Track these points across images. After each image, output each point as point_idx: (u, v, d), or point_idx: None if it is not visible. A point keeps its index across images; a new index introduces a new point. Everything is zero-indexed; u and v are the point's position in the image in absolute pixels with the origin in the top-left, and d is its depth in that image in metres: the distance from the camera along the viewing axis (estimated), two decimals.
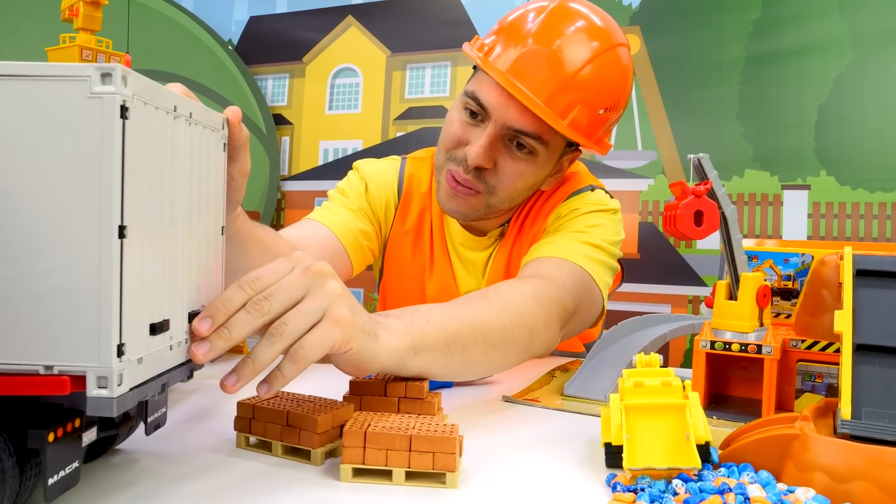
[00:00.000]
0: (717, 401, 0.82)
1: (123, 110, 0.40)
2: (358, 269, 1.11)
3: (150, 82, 0.43)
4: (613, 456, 0.59)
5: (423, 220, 1.17)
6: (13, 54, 2.14)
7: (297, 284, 0.55)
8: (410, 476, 0.55)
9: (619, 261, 1.16)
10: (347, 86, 2.40)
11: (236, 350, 1.05)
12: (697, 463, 0.53)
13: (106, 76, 0.39)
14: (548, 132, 0.96)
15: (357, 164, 1.19)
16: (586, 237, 1.00)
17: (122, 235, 0.40)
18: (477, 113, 0.98)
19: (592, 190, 1.10)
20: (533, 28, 0.96)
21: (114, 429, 0.51)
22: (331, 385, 0.77)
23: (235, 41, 2.54)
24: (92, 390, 0.40)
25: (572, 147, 1.04)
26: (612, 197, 1.12)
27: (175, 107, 0.47)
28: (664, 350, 0.90)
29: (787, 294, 0.85)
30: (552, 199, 1.10)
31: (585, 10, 0.98)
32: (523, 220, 1.12)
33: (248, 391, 0.69)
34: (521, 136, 0.96)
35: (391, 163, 1.19)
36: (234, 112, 0.61)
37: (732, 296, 0.77)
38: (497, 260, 1.13)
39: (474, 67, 1.04)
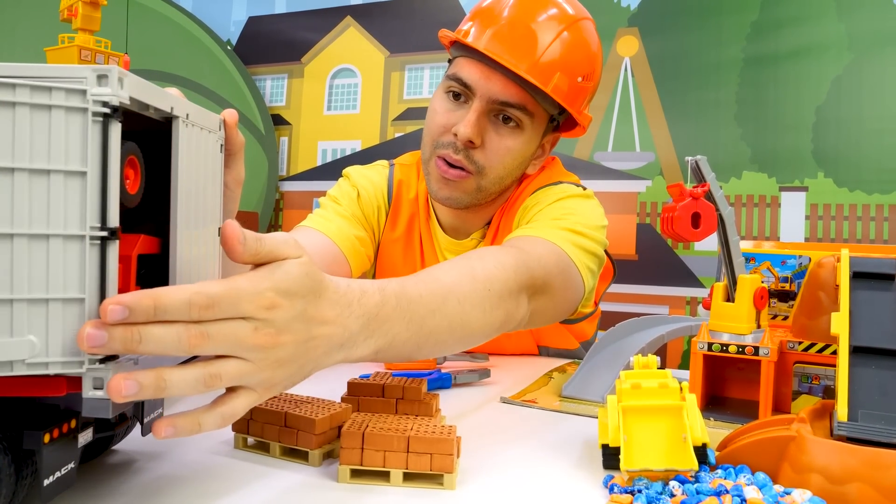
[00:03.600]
0: (715, 402, 0.82)
1: (118, 112, 0.40)
2: (356, 274, 1.11)
3: (146, 84, 0.43)
4: (611, 457, 0.59)
5: (413, 227, 1.17)
6: (12, 54, 2.14)
7: (246, 344, 0.47)
8: (408, 477, 0.55)
9: (611, 259, 1.16)
10: (346, 86, 2.40)
11: None
12: (694, 465, 0.54)
13: (102, 77, 0.39)
14: (532, 103, 0.99)
15: (347, 171, 1.19)
16: (563, 223, 0.98)
17: (116, 237, 0.40)
18: (460, 94, 1.01)
19: (559, 184, 1.09)
20: (506, 8, 1.00)
21: (110, 430, 0.51)
22: (329, 386, 0.77)
23: (234, 41, 2.54)
24: (88, 391, 0.40)
25: (553, 122, 1.06)
26: (584, 189, 1.10)
27: (172, 108, 0.47)
28: (662, 351, 0.90)
29: (785, 296, 0.85)
30: (523, 194, 1.10)
31: None
32: (500, 220, 1.12)
33: None
34: (506, 109, 0.98)
35: (380, 170, 1.20)
36: (231, 115, 0.61)
37: (730, 298, 0.77)
38: None
39: (449, 60, 1.07)
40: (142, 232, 0.49)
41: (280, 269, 0.49)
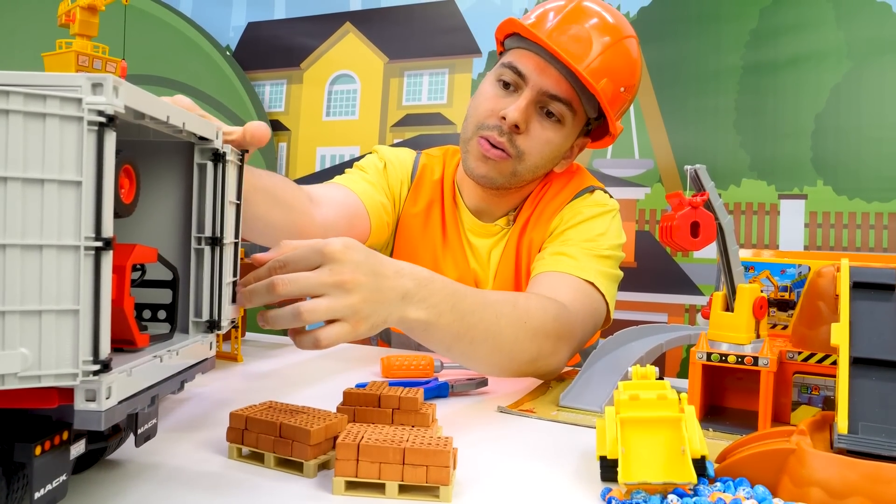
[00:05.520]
0: (713, 412, 0.81)
1: (113, 121, 0.39)
2: (375, 236, 1.15)
3: (142, 92, 0.43)
4: (609, 469, 0.58)
5: (433, 206, 1.22)
6: (10, 59, 2.13)
7: (316, 282, 0.63)
8: (404, 489, 0.55)
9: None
10: (345, 92, 2.40)
11: (230, 357, 1.04)
12: (693, 477, 0.53)
13: (97, 86, 0.39)
14: (577, 102, 1.07)
15: (376, 147, 1.26)
16: (595, 249, 1.07)
17: (110, 248, 0.40)
18: (510, 84, 1.08)
19: (592, 191, 1.17)
20: (566, 11, 1.08)
21: (103, 441, 0.51)
22: (324, 396, 0.76)
23: (233, 47, 2.54)
24: (80, 403, 0.39)
25: (588, 126, 1.13)
26: (611, 197, 1.19)
27: (168, 117, 0.46)
28: (660, 360, 0.90)
29: (784, 305, 0.85)
30: (558, 197, 1.17)
31: (601, 8, 1.12)
32: (531, 212, 1.17)
33: (242, 401, 0.68)
34: (553, 103, 1.06)
35: (407, 151, 1.27)
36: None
37: (729, 307, 0.77)
38: (507, 252, 1.18)
39: (500, 53, 1.16)
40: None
41: (335, 237, 0.65)
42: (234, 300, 0.61)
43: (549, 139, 1.08)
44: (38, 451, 0.41)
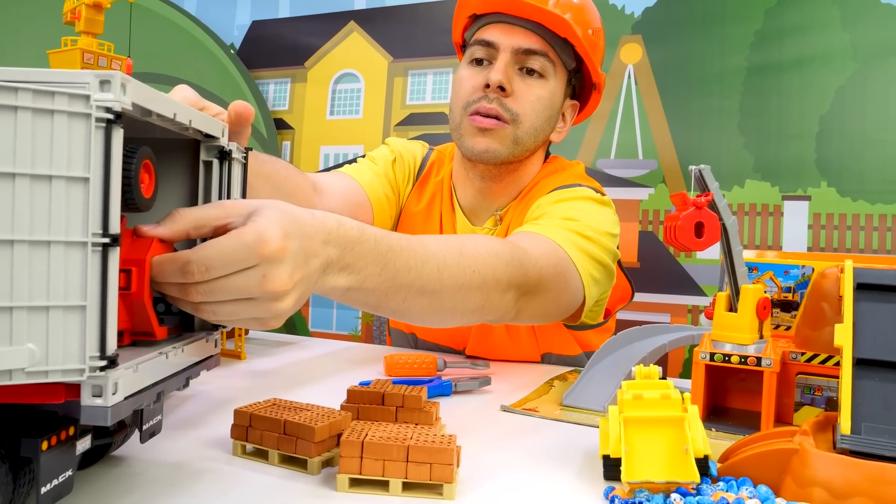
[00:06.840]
0: (716, 412, 0.81)
1: (121, 118, 0.39)
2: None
3: (149, 89, 0.43)
4: (612, 468, 0.58)
5: (433, 205, 1.21)
6: (15, 56, 2.14)
7: (243, 289, 0.49)
8: (407, 487, 0.55)
9: (630, 281, 1.17)
10: (349, 91, 2.40)
11: (233, 355, 1.05)
12: (696, 477, 0.53)
13: (105, 83, 0.39)
14: (552, 52, 1.08)
15: (388, 140, 1.26)
16: (574, 225, 0.98)
17: (117, 244, 0.40)
18: (484, 59, 1.09)
19: (577, 187, 1.11)
20: None
21: (108, 437, 0.51)
22: (328, 394, 0.76)
23: (238, 45, 2.54)
24: (86, 399, 0.40)
25: (571, 83, 1.13)
26: (603, 195, 1.12)
27: (174, 114, 0.46)
28: (663, 360, 0.89)
29: (787, 306, 0.85)
30: (542, 193, 1.11)
31: None
32: (515, 211, 1.15)
33: (246, 399, 0.68)
34: (530, 59, 1.07)
35: (420, 146, 1.27)
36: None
37: (732, 307, 0.77)
38: None
39: (462, 52, 1.18)
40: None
41: (263, 217, 0.50)
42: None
43: (538, 96, 1.08)
44: (44, 446, 0.41)
